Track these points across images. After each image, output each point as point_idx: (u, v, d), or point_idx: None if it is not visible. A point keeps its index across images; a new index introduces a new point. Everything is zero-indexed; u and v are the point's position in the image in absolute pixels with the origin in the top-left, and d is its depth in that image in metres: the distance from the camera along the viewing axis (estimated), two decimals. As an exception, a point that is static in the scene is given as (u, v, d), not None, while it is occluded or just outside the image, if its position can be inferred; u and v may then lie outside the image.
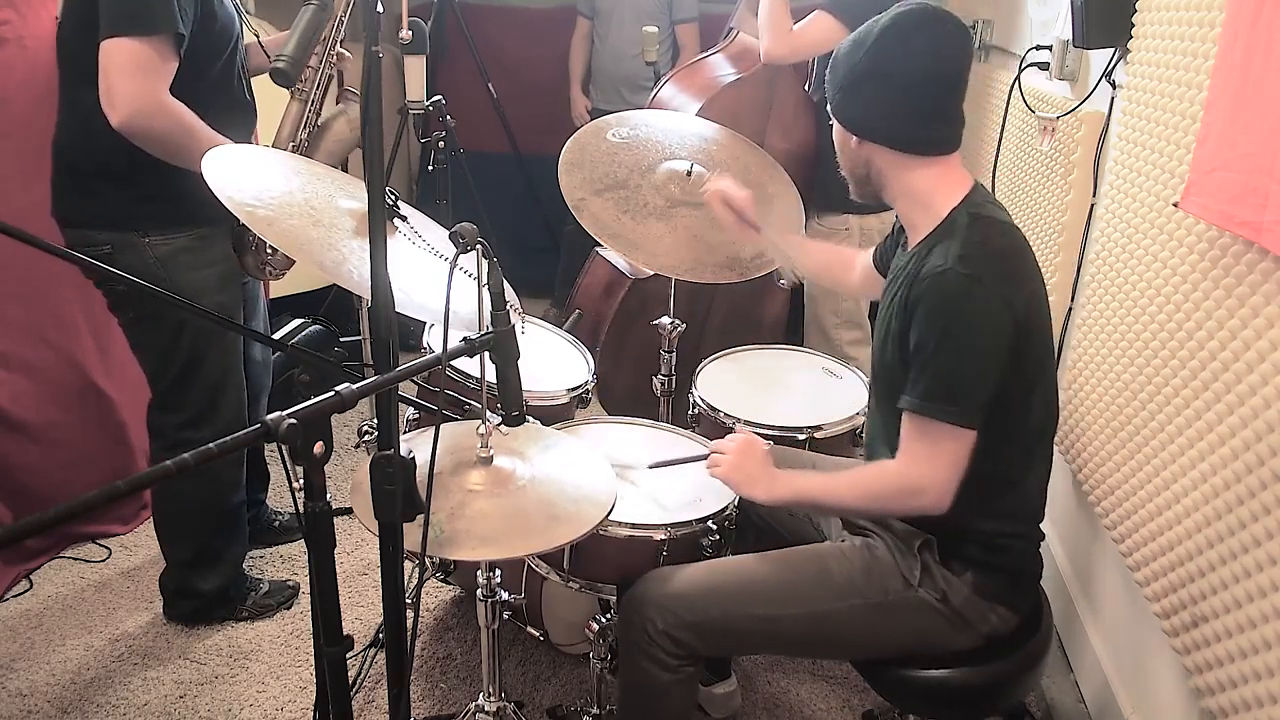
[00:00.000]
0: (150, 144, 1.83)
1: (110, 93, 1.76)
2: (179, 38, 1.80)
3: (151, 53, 1.76)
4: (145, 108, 1.78)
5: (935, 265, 1.39)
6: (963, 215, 1.44)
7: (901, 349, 1.45)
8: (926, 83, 1.44)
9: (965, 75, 1.47)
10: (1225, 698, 1.40)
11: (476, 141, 3.47)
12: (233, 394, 2.16)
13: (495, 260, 1.31)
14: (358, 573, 2.51)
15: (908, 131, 1.47)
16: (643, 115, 2.27)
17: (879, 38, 1.44)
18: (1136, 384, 1.75)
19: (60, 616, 2.34)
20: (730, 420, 2.04)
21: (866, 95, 1.47)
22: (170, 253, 1.97)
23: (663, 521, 1.67)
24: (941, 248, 1.41)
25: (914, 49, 1.43)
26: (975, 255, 1.38)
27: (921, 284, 1.40)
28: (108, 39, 1.74)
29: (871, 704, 2.10)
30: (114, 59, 1.75)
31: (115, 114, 1.76)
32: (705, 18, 3.70)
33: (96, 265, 1.69)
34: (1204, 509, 1.48)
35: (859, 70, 1.46)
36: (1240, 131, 1.36)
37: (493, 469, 1.45)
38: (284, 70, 1.81)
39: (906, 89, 1.44)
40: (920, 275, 1.41)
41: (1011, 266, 1.42)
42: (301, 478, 1.07)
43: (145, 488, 1.04)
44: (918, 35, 1.43)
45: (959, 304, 1.37)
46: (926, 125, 1.47)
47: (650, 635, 1.52)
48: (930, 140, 1.48)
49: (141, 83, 1.76)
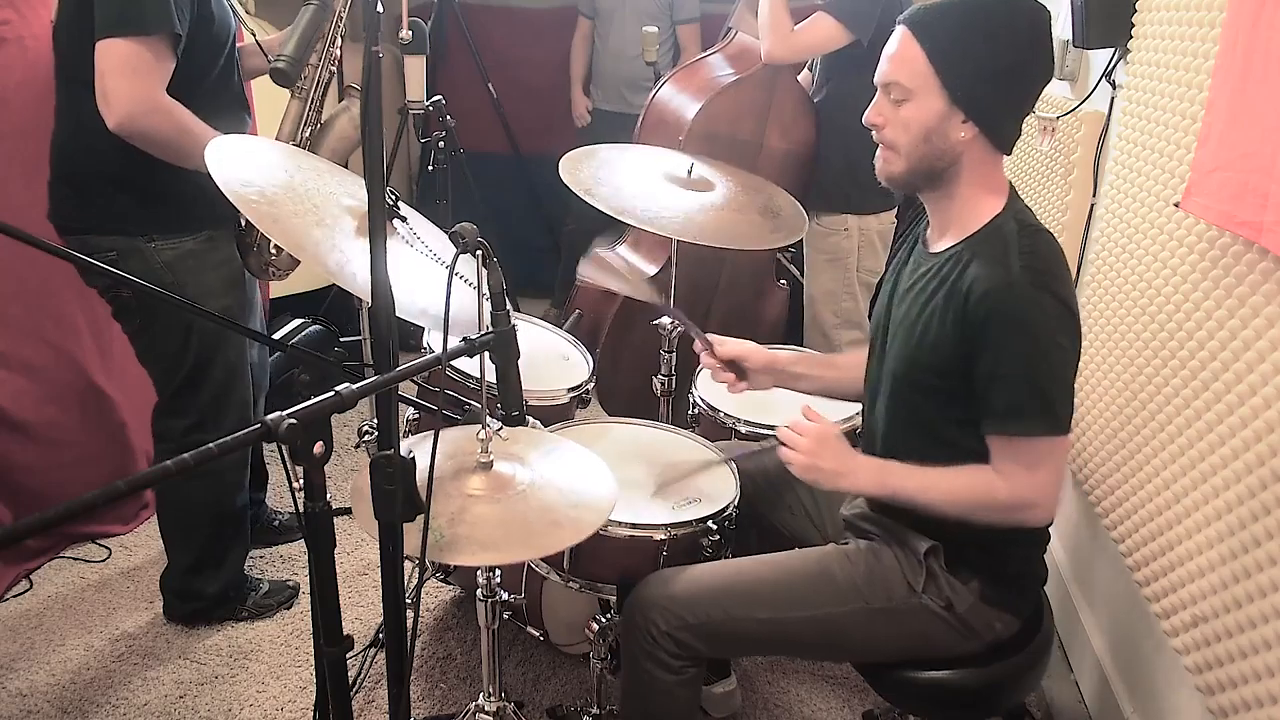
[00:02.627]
0: (148, 144, 1.82)
1: (106, 94, 1.75)
2: (175, 38, 1.79)
3: (147, 53, 1.75)
4: (141, 108, 1.77)
5: (995, 278, 1.33)
6: (1010, 223, 1.40)
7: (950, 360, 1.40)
8: (1044, 83, 1.43)
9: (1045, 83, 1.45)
10: (1225, 697, 1.40)
11: (476, 141, 3.47)
12: (239, 397, 2.15)
13: (495, 260, 1.31)
14: (358, 573, 2.51)
15: (1016, 130, 1.45)
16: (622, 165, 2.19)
17: (1027, 31, 1.37)
18: (1136, 384, 1.75)
19: (60, 616, 2.34)
20: (731, 420, 2.04)
21: (1007, 89, 1.39)
22: (177, 256, 1.96)
23: (663, 521, 1.67)
24: (990, 259, 1.36)
25: (1048, 47, 1.40)
26: (1037, 266, 1.34)
27: (986, 299, 1.34)
28: (103, 40, 1.73)
29: (871, 704, 2.10)
30: (109, 60, 1.74)
31: (111, 115, 1.76)
32: (706, 18, 3.70)
33: (99, 266, 1.69)
34: (1204, 509, 1.48)
35: (1005, 60, 1.37)
36: (1240, 131, 1.36)
37: (493, 474, 1.45)
38: (284, 70, 1.79)
39: (1035, 86, 1.42)
40: (976, 286, 1.35)
41: (1061, 273, 1.39)
42: (301, 478, 1.07)
43: (145, 488, 1.04)
44: (1049, 34, 1.40)
45: (1037, 317, 1.33)
46: (1015, 120, 1.45)
47: (653, 637, 1.51)
48: (1011, 134, 1.45)
49: (137, 84, 1.76)
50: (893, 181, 1.48)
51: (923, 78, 1.39)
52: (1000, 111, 1.41)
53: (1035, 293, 1.33)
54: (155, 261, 1.94)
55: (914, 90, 1.40)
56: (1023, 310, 1.33)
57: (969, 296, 1.36)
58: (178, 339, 2.03)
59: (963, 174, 1.44)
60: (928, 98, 1.39)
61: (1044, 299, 1.33)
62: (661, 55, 3.52)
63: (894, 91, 1.42)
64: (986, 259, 1.37)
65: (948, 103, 1.38)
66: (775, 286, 2.99)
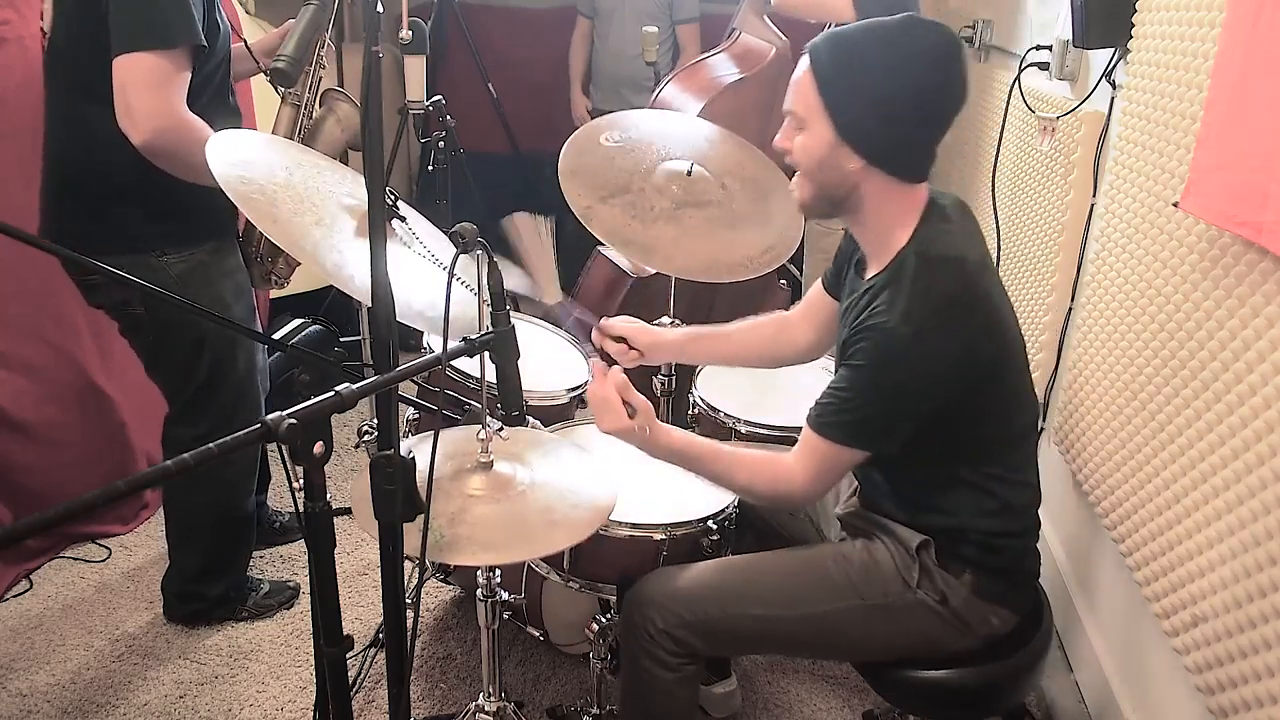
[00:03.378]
0: (170, 160, 1.76)
1: (130, 111, 1.69)
2: (197, 49, 1.75)
3: (170, 66, 1.70)
4: (168, 124, 1.72)
5: (879, 317, 1.36)
6: (910, 257, 1.39)
7: None
8: (949, 114, 1.39)
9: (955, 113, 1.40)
10: (1225, 697, 1.40)
11: (476, 141, 3.47)
12: (249, 405, 2.14)
13: (495, 260, 1.31)
14: (358, 573, 2.51)
15: (918, 159, 1.42)
16: (634, 117, 2.27)
17: (922, 62, 1.34)
18: (1136, 384, 1.75)
19: (60, 616, 2.34)
20: (730, 420, 2.04)
21: (891, 120, 1.36)
22: (188, 270, 1.93)
23: (663, 521, 1.67)
24: (887, 295, 1.37)
25: (951, 80, 1.36)
26: (917, 310, 1.34)
27: (864, 334, 1.38)
28: (124, 54, 1.67)
29: (871, 704, 2.10)
30: (133, 75, 1.68)
31: (138, 132, 1.70)
32: (706, 18, 3.70)
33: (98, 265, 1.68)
34: (1204, 509, 1.48)
35: (889, 91, 1.34)
36: (1240, 131, 1.36)
37: (493, 474, 1.45)
38: (284, 70, 1.78)
39: (934, 118, 1.38)
40: (865, 323, 1.39)
41: (954, 312, 1.37)
42: (301, 478, 1.07)
43: (145, 488, 1.04)
44: (954, 65, 1.36)
45: (895, 360, 1.35)
46: (918, 151, 1.41)
47: (651, 635, 1.52)
48: (915, 165, 1.42)
49: (163, 99, 1.70)
50: (804, 208, 1.50)
51: (814, 109, 1.39)
52: (892, 145, 1.38)
53: (907, 340, 1.34)
54: (167, 276, 1.91)
55: (807, 119, 1.40)
56: (885, 354, 1.35)
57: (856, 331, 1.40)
58: (191, 351, 2.01)
59: (865, 204, 1.43)
60: (819, 128, 1.39)
61: (913, 346, 1.34)
62: (661, 55, 3.52)
63: (791, 119, 1.44)
64: (884, 299, 1.38)
65: (836, 135, 1.37)
66: (776, 286, 2.99)
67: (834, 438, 1.42)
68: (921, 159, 1.42)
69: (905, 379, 1.37)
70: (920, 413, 1.40)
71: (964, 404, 1.41)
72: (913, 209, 1.44)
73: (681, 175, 2.09)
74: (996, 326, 1.43)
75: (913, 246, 1.41)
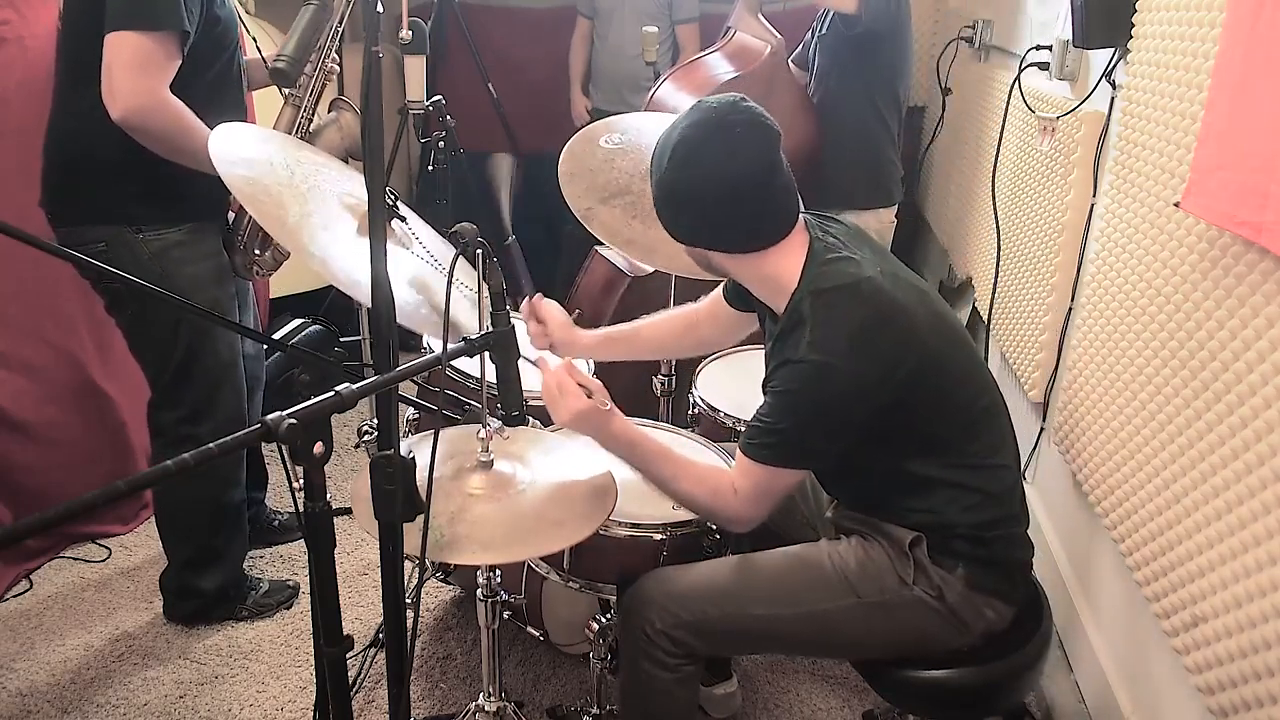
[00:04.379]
0: (148, 139, 1.84)
1: (112, 86, 1.76)
2: (184, 36, 1.81)
3: (155, 49, 1.77)
4: (146, 104, 1.79)
5: (790, 353, 1.42)
6: (804, 301, 1.44)
7: None
8: (733, 193, 1.43)
9: (772, 170, 1.44)
10: (1225, 697, 1.40)
11: (476, 141, 3.47)
12: (231, 388, 2.16)
13: (494, 260, 1.31)
14: (358, 573, 2.51)
15: (735, 237, 1.48)
16: (632, 119, 2.27)
17: (672, 161, 1.43)
18: (1136, 384, 1.75)
19: (60, 616, 2.34)
20: (731, 420, 2.04)
21: (683, 213, 1.48)
22: (163, 247, 1.97)
23: (663, 521, 1.67)
24: (795, 336, 1.43)
25: (708, 166, 1.41)
26: (822, 341, 1.40)
27: (780, 368, 1.44)
28: (113, 32, 1.75)
29: (871, 704, 2.10)
30: (118, 53, 1.75)
31: (115, 107, 1.77)
32: (706, 18, 3.70)
33: (94, 264, 1.69)
34: (1204, 509, 1.48)
35: (667, 192, 1.46)
36: (1241, 131, 1.36)
37: (493, 473, 1.45)
38: (283, 70, 1.80)
39: (718, 202, 1.44)
40: (781, 358, 1.45)
41: (864, 335, 1.41)
42: (301, 478, 1.07)
43: (145, 488, 1.05)
44: (706, 150, 1.41)
45: (809, 385, 1.41)
46: (751, 225, 1.47)
47: (649, 635, 1.52)
48: (759, 235, 1.47)
49: (143, 79, 1.77)
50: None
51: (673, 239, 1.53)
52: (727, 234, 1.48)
53: (818, 370, 1.39)
54: (143, 252, 1.96)
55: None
56: (804, 383, 1.41)
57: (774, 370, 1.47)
58: (168, 330, 2.04)
59: (734, 273, 1.56)
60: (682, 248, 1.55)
61: (826, 375, 1.39)
62: (661, 55, 3.52)
63: None
64: (790, 344, 1.44)
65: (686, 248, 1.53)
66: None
67: (764, 460, 1.47)
68: (743, 234, 1.48)
69: (822, 400, 1.42)
70: (846, 430, 1.45)
71: (898, 411, 1.44)
72: (792, 258, 1.49)
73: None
74: (916, 332, 1.44)
75: (804, 287, 1.46)
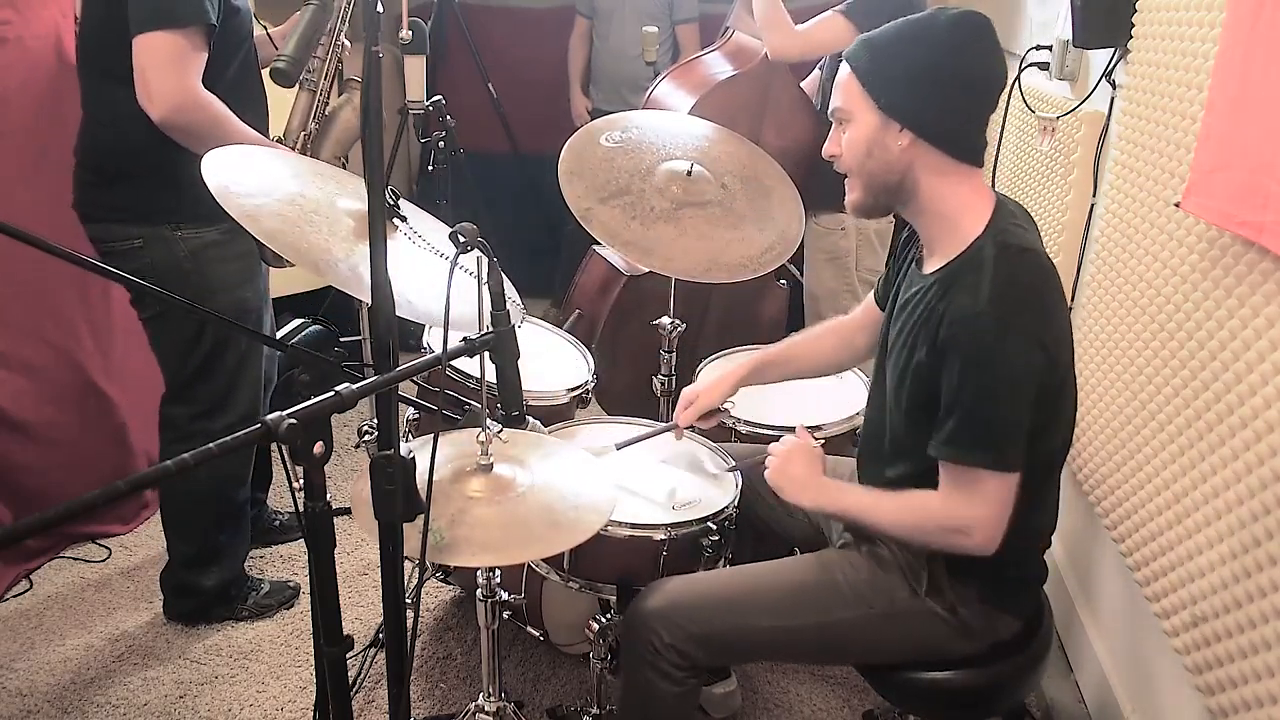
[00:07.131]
0: (187, 136, 1.84)
1: (148, 88, 1.78)
2: (209, 29, 1.82)
3: (185, 45, 1.79)
4: (184, 102, 1.80)
5: (965, 307, 1.33)
6: (989, 246, 1.36)
7: (928, 384, 1.40)
8: (990, 87, 1.40)
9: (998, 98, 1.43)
10: (1225, 697, 1.40)
11: (476, 141, 3.47)
12: (249, 387, 2.17)
13: (495, 260, 1.31)
14: (358, 573, 2.51)
15: (966, 134, 1.41)
16: (633, 117, 2.27)
17: (951, 34, 1.37)
18: (1137, 384, 1.75)
19: (60, 616, 2.34)
20: (731, 420, 2.04)
21: (930, 91, 1.37)
22: (200, 245, 1.99)
23: (663, 521, 1.67)
24: (969, 285, 1.34)
25: (983, 50, 1.38)
26: (1006, 296, 1.31)
27: (953, 328, 1.34)
28: (140, 34, 1.76)
29: (871, 704, 2.10)
30: (149, 55, 1.77)
31: (155, 109, 1.78)
32: (705, 18, 3.70)
33: (100, 267, 1.68)
34: (1204, 509, 1.48)
35: (924, 64, 1.37)
36: (1241, 131, 1.36)
37: (493, 476, 1.45)
38: (284, 70, 1.82)
39: (973, 89, 1.39)
40: (948, 315, 1.35)
41: (1043, 302, 1.35)
42: (301, 478, 1.07)
43: (145, 488, 1.05)
44: (984, 38, 1.38)
45: (994, 352, 1.31)
46: (979, 131, 1.42)
47: (656, 649, 1.50)
48: (978, 148, 1.42)
49: (177, 77, 1.79)
50: (857, 208, 1.50)
51: (856, 96, 1.42)
52: (937, 115, 1.39)
53: (999, 330, 1.31)
54: (180, 250, 1.97)
55: (850, 111, 1.44)
56: (983, 347, 1.32)
57: (940, 326, 1.36)
58: (193, 326, 2.06)
59: (921, 186, 1.42)
60: (863, 114, 1.42)
61: (1008, 338, 1.31)
62: (661, 55, 3.52)
63: (838, 116, 1.47)
64: (961, 288, 1.35)
65: (879, 114, 1.40)
66: (774, 286, 2.99)
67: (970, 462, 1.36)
68: (969, 132, 1.41)
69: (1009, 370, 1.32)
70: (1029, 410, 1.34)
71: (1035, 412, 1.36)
72: (980, 199, 1.42)
73: (682, 175, 2.09)
74: (1067, 332, 1.41)
75: (989, 236, 1.38)
